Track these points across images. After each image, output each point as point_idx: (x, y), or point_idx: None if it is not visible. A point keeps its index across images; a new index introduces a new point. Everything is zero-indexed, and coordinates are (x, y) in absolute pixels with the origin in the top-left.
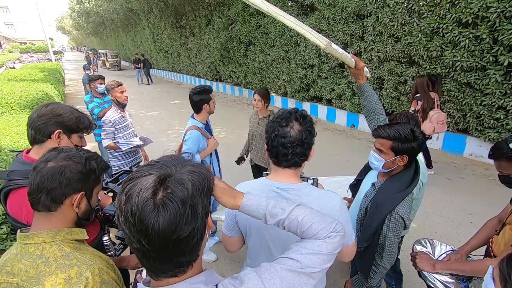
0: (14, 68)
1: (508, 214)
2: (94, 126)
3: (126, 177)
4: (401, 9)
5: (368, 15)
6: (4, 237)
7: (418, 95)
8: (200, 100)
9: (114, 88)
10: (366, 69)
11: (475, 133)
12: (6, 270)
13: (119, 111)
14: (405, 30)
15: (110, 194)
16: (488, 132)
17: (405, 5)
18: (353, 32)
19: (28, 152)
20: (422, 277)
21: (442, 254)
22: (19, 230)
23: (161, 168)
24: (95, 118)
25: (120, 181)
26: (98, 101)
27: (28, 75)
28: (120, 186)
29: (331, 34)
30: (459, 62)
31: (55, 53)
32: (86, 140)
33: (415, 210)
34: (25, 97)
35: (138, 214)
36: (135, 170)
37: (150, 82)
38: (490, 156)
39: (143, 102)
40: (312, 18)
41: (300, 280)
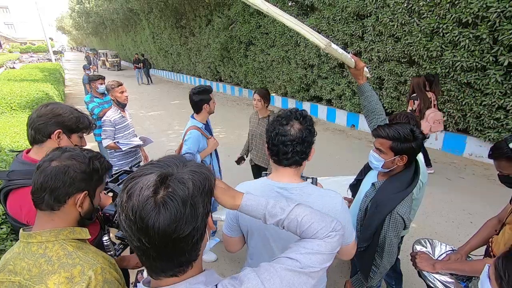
0: (14, 68)
1: (507, 214)
2: (94, 126)
3: (126, 177)
4: (401, 9)
5: (368, 15)
6: (4, 237)
7: (414, 95)
8: (200, 100)
9: (114, 88)
10: (366, 69)
11: (475, 133)
12: (9, 269)
13: (119, 111)
14: (405, 30)
15: (110, 194)
16: (488, 132)
17: (405, 5)
18: (353, 32)
19: (28, 152)
20: (422, 277)
21: (442, 254)
22: (22, 229)
23: (162, 167)
24: (95, 118)
25: (120, 181)
26: (98, 101)
27: (28, 75)
28: (120, 186)
29: (331, 34)
30: (459, 62)
31: (55, 53)
32: (86, 140)
33: (415, 210)
34: (25, 97)
35: (139, 212)
36: (137, 169)
37: (150, 82)
38: (490, 156)
39: (143, 102)
40: (312, 18)
41: (299, 279)
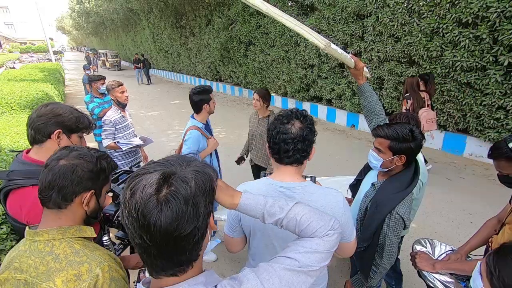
0: (14, 68)
1: (507, 214)
2: (93, 126)
3: (126, 177)
4: (401, 9)
5: (368, 15)
6: (4, 237)
7: (407, 95)
8: (200, 100)
9: (114, 88)
10: (365, 69)
11: (475, 133)
12: (14, 267)
13: (119, 111)
14: (405, 30)
15: (110, 194)
16: (488, 132)
17: (405, 5)
18: (353, 32)
19: (28, 152)
20: (422, 276)
21: (441, 254)
22: (28, 227)
23: (166, 166)
24: (96, 118)
25: (120, 181)
26: (98, 101)
27: (28, 75)
28: (120, 186)
29: (331, 34)
30: (459, 62)
31: (55, 53)
32: (86, 140)
33: (415, 210)
34: (25, 97)
35: (141, 209)
36: (141, 167)
37: (149, 82)
38: (490, 155)
39: (143, 102)
40: (312, 18)
41: (298, 279)
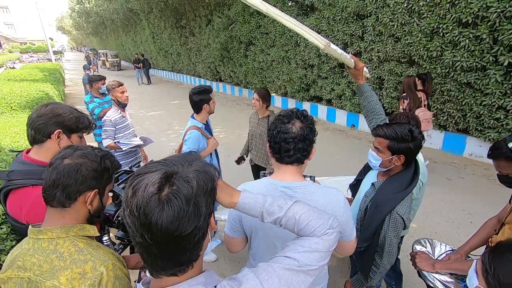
0: (14, 68)
1: (507, 214)
2: (93, 126)
3: (126, 177)
4: (401, 9)
5: (368, 15)
6: (4, 237)
7: (404, 94)
8: (200, 100)
9: (115, 88)
10: (365, 69)
11: (475, 133)
12: (17, 265)
13: (120, 111)
14: (405, 30)
15: (110, 194)
16: (488, 132)
17: (405, 5)
18: (353, 32)
19: (28, 152)
20: (422, 276)
21: (441, 254)
22: (31, 225)
23: (168, 165)
24: (96, 118)
25: (120, 181)
26: (98, 101)
27: (28, 75)
28: (120, 186)
29: (331, 34)
30: (459, 62)
31: (55, 53)
32: (86, 140)
33: (415, 210)
34: (25, 97)
35: (143, 208)
36: (143, 167)
37: (149, 82)
38: (489, 155)
39: (143, 102)
40: (312, 18)
41: (298, 278)
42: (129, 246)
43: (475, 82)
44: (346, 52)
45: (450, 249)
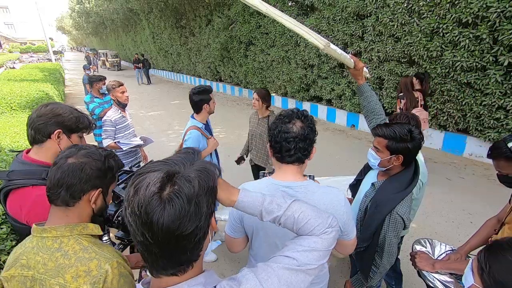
0: (14, 68)
1: (507, 214)
2: (93, 126)
3: (126, 177)
4: (401, 9)
5: (368, 15)
6: (4, 237)
7: (401, 94)
8: (200, 100)
9: (115, 88)
10: (365, 69)
11: (475, 133)
12: (21, 263)
13: (120, 111)
14: (405, 30)
15: None
16: (488, 132)
17: (405, 5)
18: (353, 32)
19: (28, 152)
20: (422, 276)
21: (441, 254)
22: (35, 224)
23: (170, 165)
24: (96, 118)
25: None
26: (98, 101)
27: (28, 75)
28: (120, 186)
29: (331, 34)
30: (459, 62)
31: (55, 53)
32: (86, 140)
33: (415, 210)
34: (25, 97)
35: (144, 207)
36: (145, 166)
37: (149, 82)
38: (489, 155)
39: (143, 102)
40: (312, 18)
41: (297, 277)
42: (129, 246)
43: (475, 82)
44: (346, 52)
45: (450, 249)
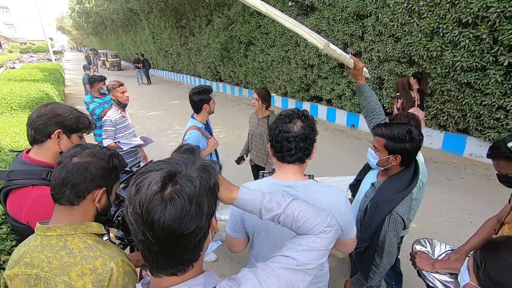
0: (14, 68)
1: (506, 213)
2: (93, 126)
3: (126, 176)
4: (401, 9)
5: (368, 15)
6: (4, 237)
7: (398, 94)
8: (200, 100)
9: (115, 88)
10: (365, 69)
11: (475, 133)
12: (25, 262)
13: (120, 111)
14: (405, 30)
15: None
16: (488, 132)
17: (405, 5)
18: (353, 32)
19: (28, 152)
20: (421, 276)
21: (441, 254)
22: (39, 222)
23: (172, 165)
24: (97, 118)
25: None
26: (98, 101)
27: (28, 75)
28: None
29: (331, 34)
30: (459, 62)
31: (55, 53)
32: (86, 140)
33: (415, 210)
34: (25, 97)
35: (145, 205)
36: (147, 165)
37: (149, 82)
38: (489, 155)
39: (143, 102)
40: (312, 18)
41: (296, 277)
42: (129, 246)
43: (475, 82)
44: (346, 52)
45: (450, 249)
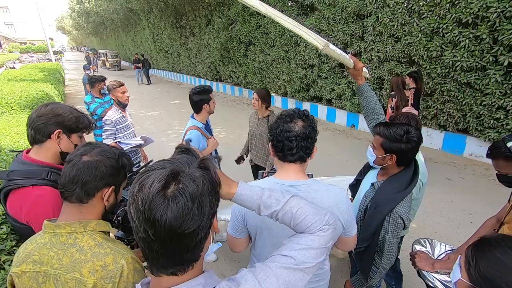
0: (14, 68)
1: (506, 213)
2: (93, 125)
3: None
4: (401, 9)
5: (368, 15)
6: (4, 237)
7: (392, 93)
8: (200, 100)
9: (115, 88)
10: (365, 69)
11: (475, 133)
12: (33, 259)
13: (120, 111)
14: (405, 30)
15: None
16: (488, 132)
17: (405, 5)
18: (353, 32)
19: (28, 152)
20: (421, 276)
21: (441, 254)
22: (46, 220)
23: (175, 164)
24: (97, 118)
25: None
26: (99, 101)
27: (28, 75)
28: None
29: (331, 34)
30: (459, 62)
31: (55, 53)
32: (86, 140)
33: (415, 210)
34: (25, 97)
35: (148, 203)
36: (151, 164)
37: (149, 82)
38: (488, 155)
39: (143, 102)
40: (312, 18)
41: (295, 276)
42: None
43: (475, 82)
44: (346, 52)
45: (450, 249)
